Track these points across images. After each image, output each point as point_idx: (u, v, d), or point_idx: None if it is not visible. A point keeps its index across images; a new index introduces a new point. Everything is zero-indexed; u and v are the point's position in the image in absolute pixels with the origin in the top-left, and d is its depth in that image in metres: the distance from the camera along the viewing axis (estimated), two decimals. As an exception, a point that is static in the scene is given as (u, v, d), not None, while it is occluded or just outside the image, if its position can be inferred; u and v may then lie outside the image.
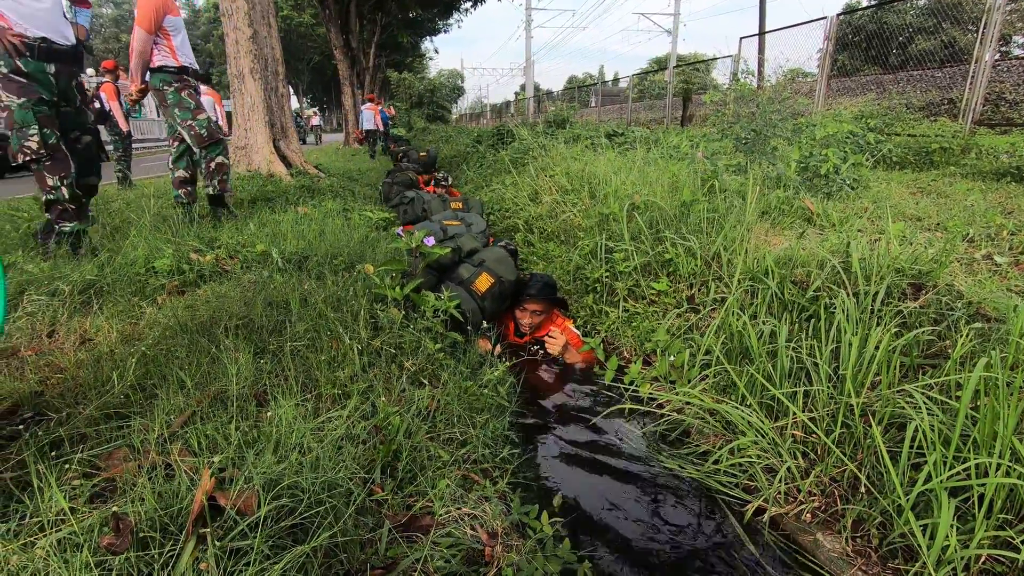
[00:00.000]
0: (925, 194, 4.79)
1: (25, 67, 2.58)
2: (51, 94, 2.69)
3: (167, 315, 1.97)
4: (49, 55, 2.65)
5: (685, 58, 46.71)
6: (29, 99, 2.58)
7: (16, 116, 2.56)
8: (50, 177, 2.68)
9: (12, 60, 2.54)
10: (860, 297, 1.90)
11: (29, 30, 2.57)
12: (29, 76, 2.59)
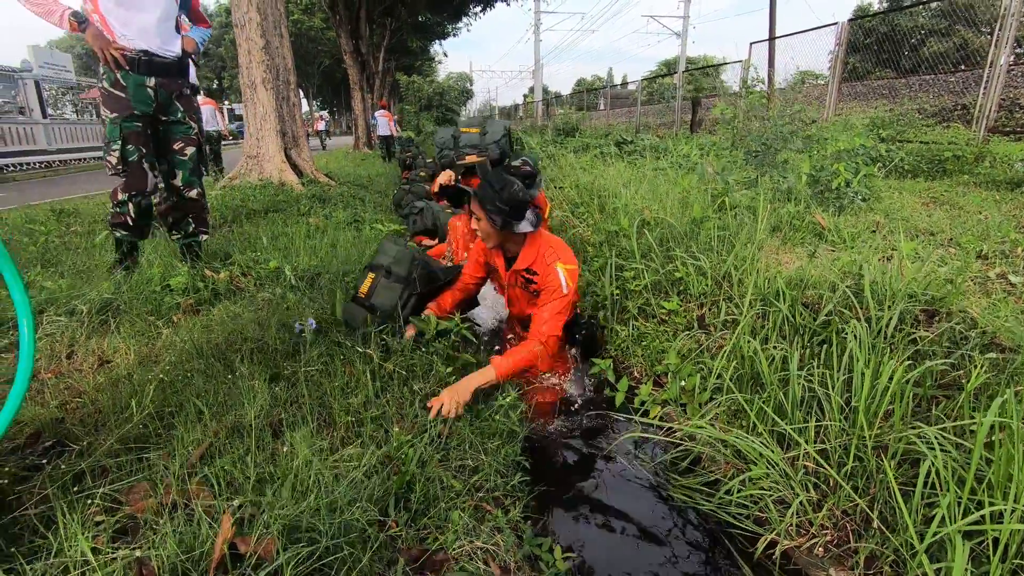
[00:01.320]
0: (938, 205, 4.75)
1: (124, 80, 2.60)
2: (147, 108, 2.69)
3: (183, 337, 2.00)
4: (150, 68, 2.66)
5: (694, 60, 46.57)
6: (120, 115, 2.61)
7: (107, 131, 2.61)
8: (122, 192, 2.69)
9: (113, 73, 2.57)
10: (872, 322, 1.90)
11: (132, 43, 2.59)
12: (127, 90, 2.61)
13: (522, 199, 2.05)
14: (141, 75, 2.64)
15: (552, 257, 2.12)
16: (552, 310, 2.06)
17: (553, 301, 2.07)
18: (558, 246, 2.18)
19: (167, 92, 2.75)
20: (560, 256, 2.12)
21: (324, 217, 4.81)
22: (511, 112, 38.00)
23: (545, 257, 2.14)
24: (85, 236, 3.97)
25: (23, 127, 17.24)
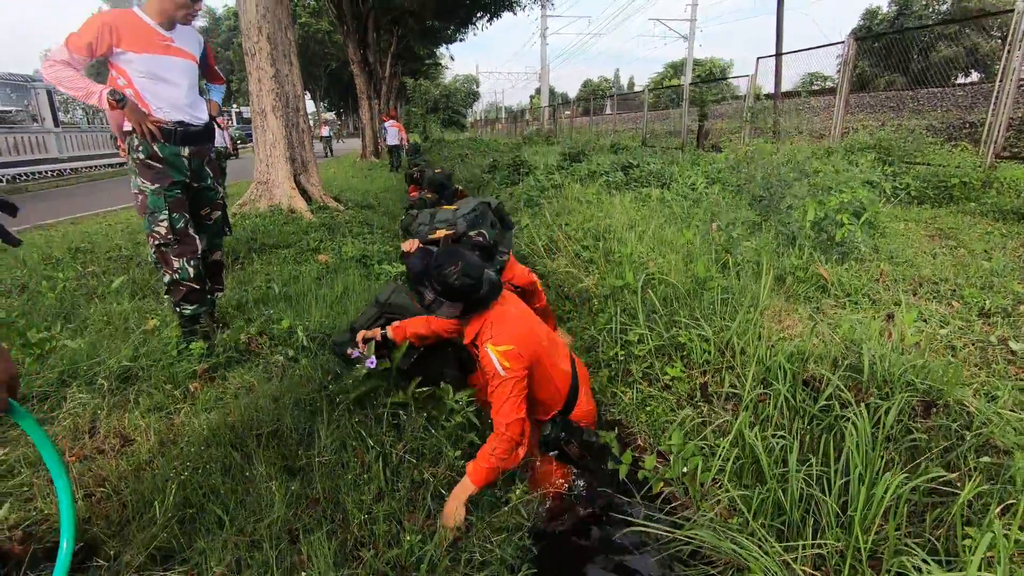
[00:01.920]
0: (943, 238, 4.77)
1: (161, 152, 2.63)
2: (183, 176, 2.72)
3: (200, 422, 2.07)
4: (184, 138, 2.69)
5: (701, 63, 46.45)
6: (162, 185, 2.63)
7: (149, 201, 2.62)
8: (176, 259, 2.69)
9: (150, 146, 2.60)
10: (871, 410, 1.94)
11: (167, 115, 2.63)
12: (164, 161, 2.64)
13: (452, 284, 1.92)
14: (176, 145, 2.67)
15: (485, 337, 1.98)
16: (499, 398, 1.90)
17: (496, 388, 1.92)
18: (497, 322, 2.00)
19: (199, 159, 2.79)
20: (493, 336, 1.95)
21: (333, 251, 4.88)
22: (517, 116, 37.99)
23: (480, 336, 2.01)
24: (101, 277, 4.06)
25: (35, 136, 17.45)
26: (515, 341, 1.95)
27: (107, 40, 2.41)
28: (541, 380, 2.12)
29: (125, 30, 2.45)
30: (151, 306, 3.45)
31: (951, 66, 17.04)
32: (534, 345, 2.04)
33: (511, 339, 1.95)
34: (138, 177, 2.63)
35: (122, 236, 5.83)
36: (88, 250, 4.76)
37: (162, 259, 2.69)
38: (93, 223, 7.66)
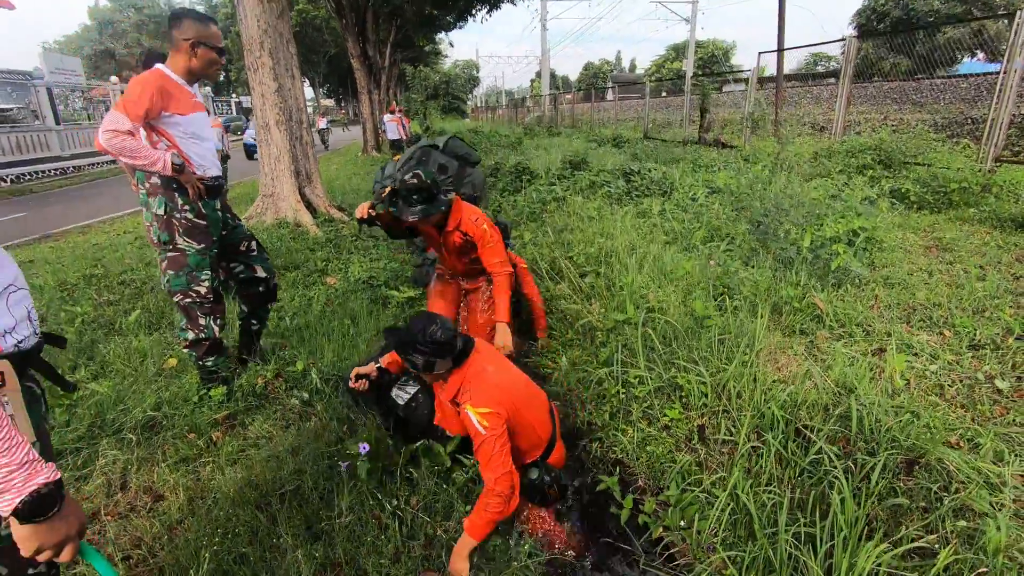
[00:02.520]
0: (940, 250, 4.85)
1: (205, 209, 2.64)
2: (220, 232, 2.76)
3: (226, 479, 2.20)
4: (217, 192, 2.72)
5: (704, 44, 45.90)
6: (207, 245, 2.65)
7: (191, 260, 2.61)
8: (203, 318, 2.71)
9: (197, 205, 2.61)
10: (858, 464, 2.06)
11: (208, 171, 2.66)
12: (207, 218, 2.65)
13: (440, 339, 2.05)
14: (214, 200, 2.70)
15: (464, 398, 2.09)
16: (484, 456, 2.00)
17: (480, 447, 2.01)
18: (475, 381, 2.12)
19: (224, 208, 2.83)
20: (472, 398, 2.06)
21: (340, 271, 4.99)
22: (518, 104, 37.72)
23: (460, 396, 2.12)
24: (117, 306, 4.18)
25: (37, 134, 17.50)
26: (492, 403, 2.05)
27: (159, 105, 2.41)
28: (522, 430, 2.21)
29: (171, 92, 2.45)
30: (168, 340, 3.57)
31: (957, 47, 16.76)
32: (511, 399, 2.14)
33: (488, 401, 2.05)
34: (182, 237, 2.60)
35: (131, 253, 5.94)
36: (101, 275, 4.88)
37: (188, 316, 2.70)
38: (101, 233, 7.78)
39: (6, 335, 1.03)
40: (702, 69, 41.02)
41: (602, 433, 2.90)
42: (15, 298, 1.07)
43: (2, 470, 0.87)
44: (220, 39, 2.54)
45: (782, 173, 5.26)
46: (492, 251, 2.88)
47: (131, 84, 2.40)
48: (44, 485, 0.92)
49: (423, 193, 2.66)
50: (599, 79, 63.14)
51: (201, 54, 2.48)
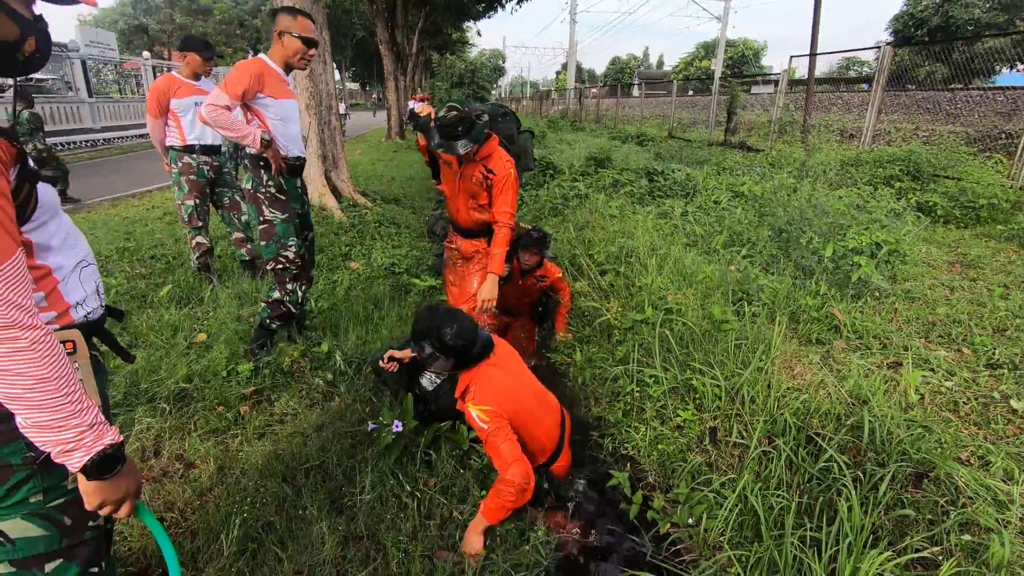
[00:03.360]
0: (964, 267, 4.81)
1: (286, 185, 2.89)
2: (300, 206, 3.02)
3: (254, 450, 2.31)
4: (298, 171, 2.99)
5: (734, 43, 45.22)
6: (290, 215, 2.91)
7: (279, 229, 2.88)
8: (291, 283, 2.98)
9: (279, 180, 2.86)
10: (867, 474, 2.10)
11: (291, 152, 2.91)
12: (287, 193, 2.90)
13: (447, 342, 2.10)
14: (295, 178, 2.96)
15: (468, 397, 2.15)
16: (492, 449, 2.05)
17: (487, 442, 2.07)
18: (480, 382, 2.17)
19: (303, 187, 3.09)
20: (475, 396, 2.12)
21: (363, 257, 5.09)
22: (543, 97, 37.54)
23: (466, 395, 2.18)
24: (148, 280, 4.32)
25: (71, 106, 17.85)
26: (492, 402, 2.09)
27: (255, 88, 2.68)
28: (524, 436, 2.21)
29: (267, 78, 2.71)
30: (197, 315, 3.70)
31: (997, 57, 16.32)
32: (514, 405, 2.17)
33: (489, 400, 2.10)
34: (268, 208, 2.85)
35: (161, 228, 6.10)
36: (133, 249, 5.02)
37: (278, 280, 2.98)
38: (131, 206, 7.97)
39: (78, 306, 1.12)
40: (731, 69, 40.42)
41: (614, 429, 2.96)
42: (87, 272, 1.16)
43: (75, 430, 0.95)
44: (308, 30, 2.72)
45: (807, 181, 5.23)
46: (506, 199, 2.87)
47: (234, 68, 2.69)
48: (110, 446, 1.00)
49: (464, 124, 2.68)
50: (625, 74, 62.54)
51: (287, 43, 2.70)
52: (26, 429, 0.93)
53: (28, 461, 1.02)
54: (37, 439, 0.94)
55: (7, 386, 0.88)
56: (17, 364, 0.88)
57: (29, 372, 0.89)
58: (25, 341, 0.88)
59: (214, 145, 4.22)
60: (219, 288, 4.06)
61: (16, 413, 0.92)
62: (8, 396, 0.89)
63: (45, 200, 1.03)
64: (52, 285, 1.06)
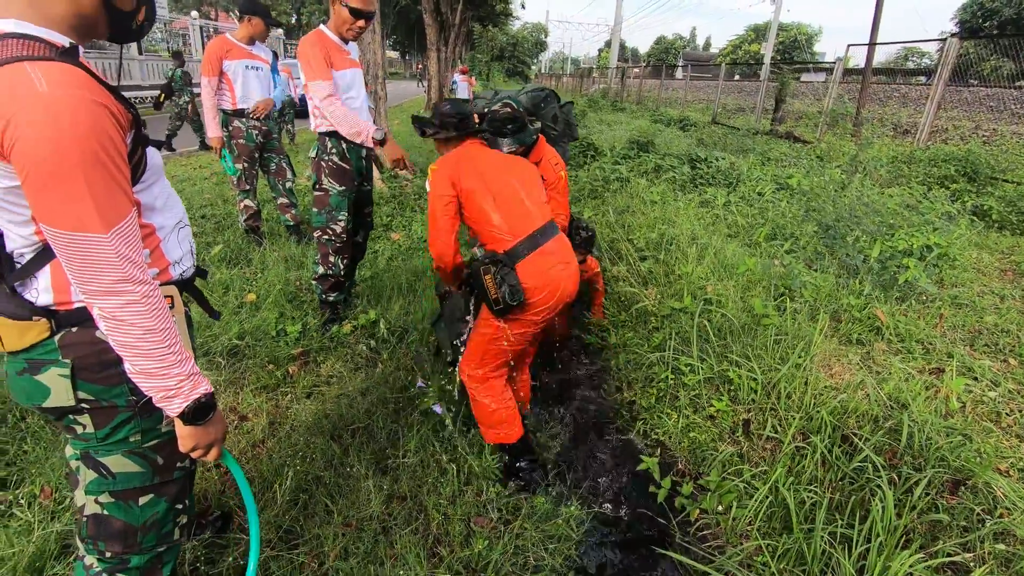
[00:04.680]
0: (1016, 275, 4.66)
1: (349, 154, 2.91)
2: (360, 178, 3.03)
3: (303, 409, 2.43)
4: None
5: (787, 28, 43.51)
6: (348, 188, 2.93)
7: (332, 200, 2.91)
8: (334, 256, 3.02)
9: (343, 148, 2.88)
10: (902, 477, 2.11)
11: None
12: (350, 163, 2.92)
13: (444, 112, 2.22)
14: (358, 148, 2.93)
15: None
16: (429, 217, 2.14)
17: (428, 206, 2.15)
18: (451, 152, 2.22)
19: (367, 160, 3.07)
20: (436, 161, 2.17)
21: (404, 229, 5.18)
22: (584, 74, 36.87)
23: None
24: (199, 239, 4.48)
25: (122, 62, 18.26)
26: (445, 166, 2.11)
27: (327, 63, 2.67)
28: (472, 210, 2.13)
29: (332, 51, 2.71)
30: (247, 276, 3.84)
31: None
32: (464, 172, 2.10)
33: (443, 163, 2.12)
34: (327, 178, 2.89)
35: (210, 189, 6.29)
36: (185, 208, 5.20)
37: (322, 252, 3.03)
38: (179, 166, 8.21)
39: (175, 265, 1.20)
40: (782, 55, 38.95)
41: (646, 414, 3.01)
42: (183, 233, 1.25)
43: (176, 378, 1.04)
44: (358, 0, 2.65)
45: (858, 177, 5.09)
46: (560, 204, 2.82)
47: (302, 52, 2.66)
48: (204, 395, 1.10)
49: (516, 123, 2.59)
50: (670, 55, 60.87)
51: (337, 11, 2.67)
52: (133, 375, 1.02)
53: (131, 404, 1.12)
54: (143, 384, 1.03)
55: (121, 334, 0.97)
56: (130, 315, 0.96)
57: (139, 323, 0.97)
58: (137, 294, 0.96)
59: None
60: (267, 251, 4.19)
61: (125, 359, 1.01)
62: (120, 344, 0.98)
63: (153, 163, 1.11)
64: (155, 243, 1.15)
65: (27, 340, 1.03)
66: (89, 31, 1.02)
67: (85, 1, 0.97)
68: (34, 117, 0.83)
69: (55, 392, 1.07)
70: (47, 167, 0.84)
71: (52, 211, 0.88)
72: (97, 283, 0.92)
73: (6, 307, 1.03)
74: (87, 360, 1.07)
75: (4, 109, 0.83)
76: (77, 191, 0.87)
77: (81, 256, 0.90)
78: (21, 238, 1.00)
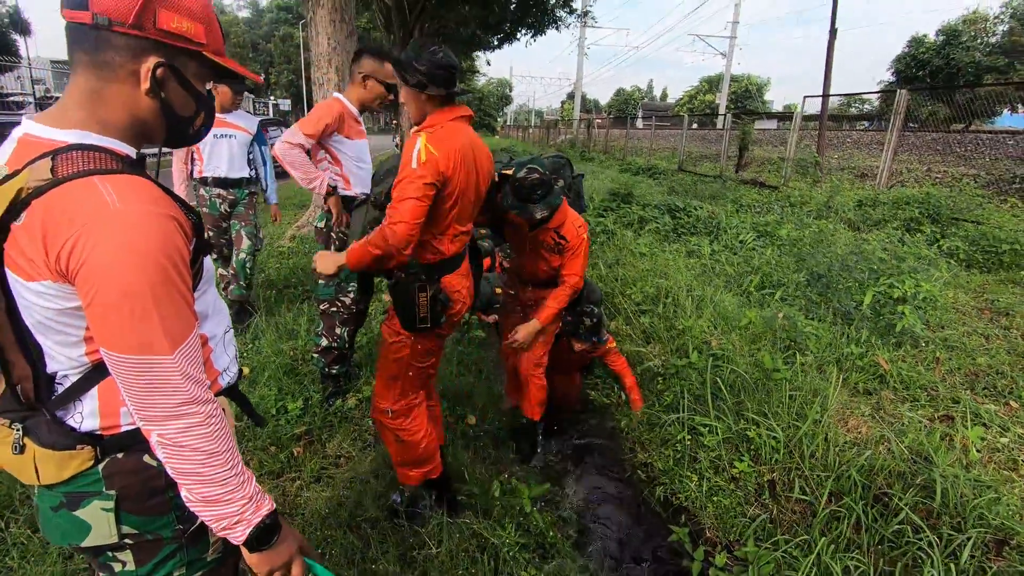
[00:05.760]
0: (994, 314, 4.81)
1: None
2: None
3: (315, 497, 2.27)
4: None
5: (738, 79, 46.12)
6: None
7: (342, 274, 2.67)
8: (340, 328, 2.92)
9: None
10: (943, 539, 2.07)
11: (359, 191, 2.90)
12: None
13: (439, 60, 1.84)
14: None
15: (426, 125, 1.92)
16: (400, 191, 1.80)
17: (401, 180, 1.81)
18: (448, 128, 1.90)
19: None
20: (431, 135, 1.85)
21: (394, 289, 5.09)
22: (550, 125, 38.11)
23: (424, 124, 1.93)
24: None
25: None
26: (438, 146, 1.82)
27: (334, 127, 2.70)
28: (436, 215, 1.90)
29: (345, 118, 2.73)
30: (241, 347, 3.67)
31: (998, 100, 16.65)
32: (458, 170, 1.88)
33: (437, 144, 1.82)
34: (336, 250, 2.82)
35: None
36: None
37: (326, 324, 2.91)
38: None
39: (224, 373, 1.11)
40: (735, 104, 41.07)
41: (665, 478, 2.92)
42: (228, 338, 1.16)
43: (239, 503, 0.93)
44: (391, 76, 2.70)
45: (841, 226, 5.27)
46: (577, 263, 2.76)
47: (316, 107, 2.72)
48: (268, 515, 0.97)
49: (544, 188, 2.49)
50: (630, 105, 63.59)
51: (370, 87, 2.70)
52: (192, 503, 0.91)
53: (177, 534, 1.01)
54: (203, 512, 0.92)
55: (181, 461, 0.88)
56: (192, 439, 0.87)
57: (202, 447, 0.88)
58: (200, 416, 0.88)
59: (228, 178, 4.00)
60: (260, 320, 4.04)
61: (184, 488, 0.90)
62: (179, 471, 0.88)
63: (207, 269, 1.04)
64: (207, 354, 1.06)
65: (67, 472, 0.92)
66: (146, 137, 0.96)
67: (144, 107, 0.91)
68: (105, 238, 0.78)
69: (96, 528, 0.94)
70: (117, 290, 0.79)
71: (116, 335, 0.81)
72: (160, 407, 0.85)
73: (45, 437, 0.91)
74: (132, 489, 0.95)
75: (72, 228, 0.77)
76: (145, 312, 0.81)
77: (145, 380, 0.84)
78: (68, 360, 0.90)
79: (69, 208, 0.78)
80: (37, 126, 0.86)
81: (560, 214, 2.66)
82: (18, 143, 0.85)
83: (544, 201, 2.46)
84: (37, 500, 0.96)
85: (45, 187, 0.78)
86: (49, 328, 0.87)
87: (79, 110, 0.87)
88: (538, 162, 2.54)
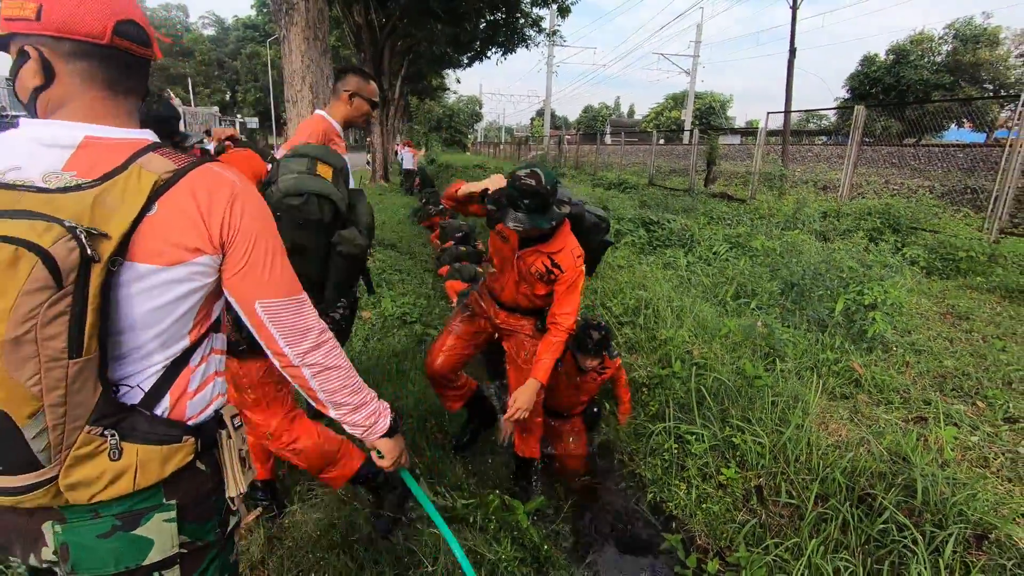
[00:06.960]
0: (955, 318, 5.02)
1: None
2: None
3: (303, 519, 2.22)
4: None
5: (702, 96, 47.51)
6: None
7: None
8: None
9: None
10: (926, 535, 2.13)
11: None
12: None
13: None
14: None
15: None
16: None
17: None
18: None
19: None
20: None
21: (372, 306, 5.05)
22: (521, 143, 38.51)
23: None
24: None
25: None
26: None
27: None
28: None
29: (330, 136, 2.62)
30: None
31: (946, 116, 17.55)
32: None
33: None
34: None
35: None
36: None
37: None
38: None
39: None
40: (699, 120, 42.24)
41: (654, 487, 2.95)
42: None
43: (375, 401, 1.15)
44: (375, 94, 2.68)
45: (809, 236, 5.45)
46: (570, 301, 2.38)
47: (300, 127, 2.65)
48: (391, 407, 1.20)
49: (537, 200, 2.15)
50: (598, 121, 64.79)
51: (356, 104, 2.65)
52: (346, 414, 1.10)
53: (218, 537, 1.00)
54: (357, 418, 1.11)
55: (334, 380, 1.06)
56: (335, 359, 1.06)
57: (342, 363, 1.08)
58: (331, 338, 1.07)
59: None
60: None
61: (337, 406, 1.08)
62: (331, 391, 1.06)
63: None
64: None
65: (170, 467, 0.89)
66: None
67: None
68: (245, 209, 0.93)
69: (159, 543, 0.90)
70: (265, 247, 0.95)
71: (274, 284, 0.97)
72: (309, 340, 1.02)
73: (149, 434, 0.87)
74: (190, 496, 0.93)
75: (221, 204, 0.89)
76: (284, 262, 1.00)
77: (297, 318, 1.00)
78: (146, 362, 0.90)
79: (212, 189, 0.89)
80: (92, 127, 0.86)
81: (560, 238, 2.36)
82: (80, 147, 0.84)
83: (530, 215, 2.14)
84: (65, 537, 0.87)
85: (174, 178, 0.87)
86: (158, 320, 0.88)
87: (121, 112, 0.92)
88: (545, 171, 2.21)
